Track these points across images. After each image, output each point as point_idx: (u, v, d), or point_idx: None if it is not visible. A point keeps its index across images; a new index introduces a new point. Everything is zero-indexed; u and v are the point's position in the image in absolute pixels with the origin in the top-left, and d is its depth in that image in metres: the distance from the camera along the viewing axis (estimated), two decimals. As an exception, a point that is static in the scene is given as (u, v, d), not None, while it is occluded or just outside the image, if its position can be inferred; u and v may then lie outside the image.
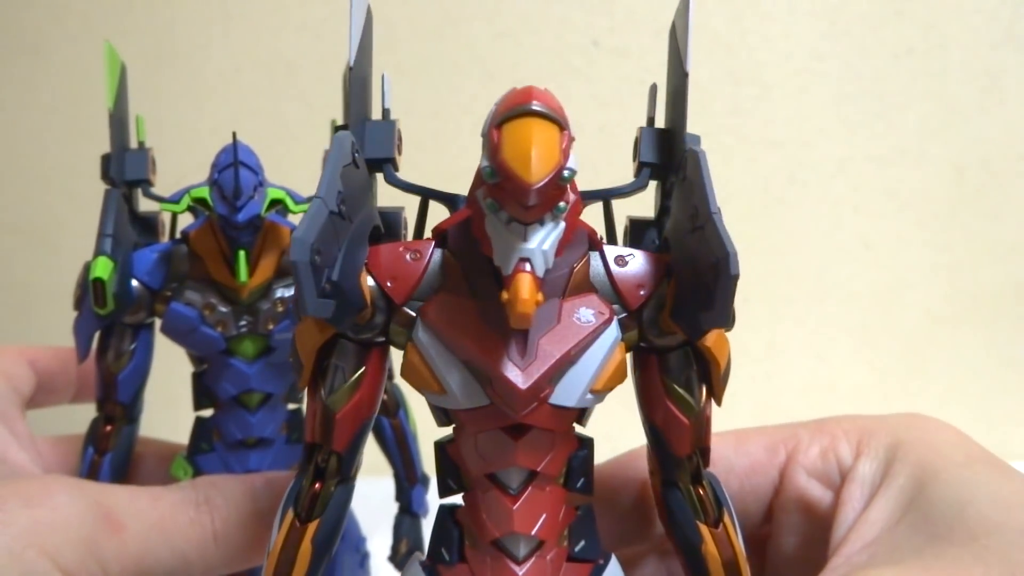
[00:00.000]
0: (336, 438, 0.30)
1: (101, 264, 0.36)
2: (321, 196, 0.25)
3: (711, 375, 0.30)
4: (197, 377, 0.42)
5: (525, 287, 0.24)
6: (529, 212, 0.25)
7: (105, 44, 0.39)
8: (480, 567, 0.29)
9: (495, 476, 0.29)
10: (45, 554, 0.31)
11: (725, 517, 0.31)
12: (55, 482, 0.34)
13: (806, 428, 0.37)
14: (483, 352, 0.27)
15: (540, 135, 0.24)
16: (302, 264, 0.24)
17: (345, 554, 0.44)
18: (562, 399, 0.28)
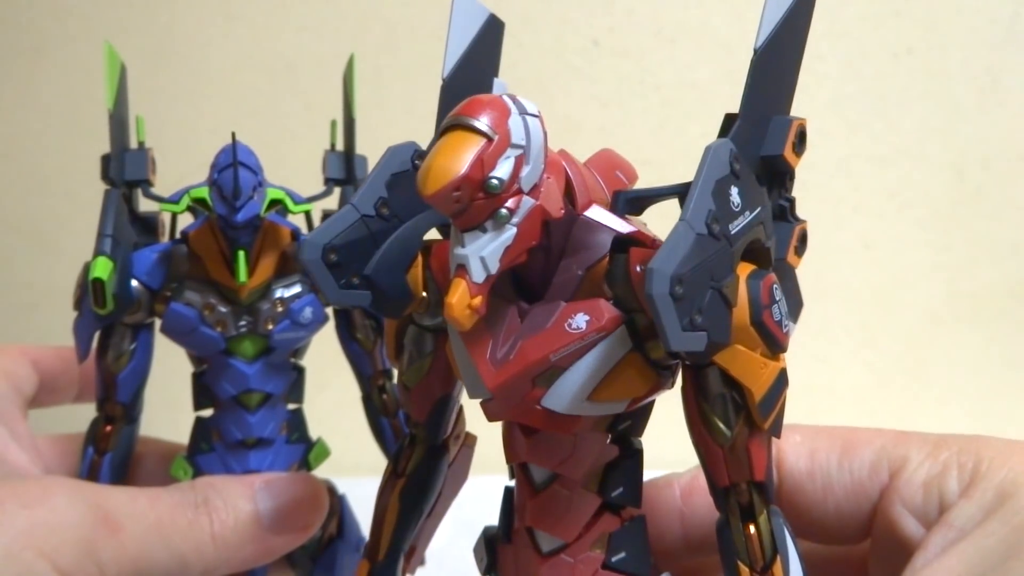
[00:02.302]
0: (414, 410, 0.33)
1: (100, 264, 0.36)
2: (352, 202, 0.28)
3: (747, 403, 0.28)
4: (197, 377, 0.42)
5: (455, 292, 0.25)
6: (459, 220, 0.25)
7: (105, 44, 0.39)
8: (515, 551, 0.31)
9: (525, 468, 0.30)
10: (43, 555, 0.31)
11: (776, 566, 0.29)
12: (54, 483, 0.34)
13: (920, 446, 0.33)
14: (470, 348, 0.27)
15: (449, 147, 0.24)
16: (312, 262, 0.27)
17: (345, 553, 0.44)
18: (553, 404, 0.27)
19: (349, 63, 0.42)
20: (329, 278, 0.27)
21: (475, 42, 0.31)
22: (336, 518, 0.44)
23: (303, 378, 0.44)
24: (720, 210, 0.25)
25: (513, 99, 0.26)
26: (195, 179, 0.42)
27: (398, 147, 0.29)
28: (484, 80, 0.32)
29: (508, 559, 0.31)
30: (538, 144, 0.26)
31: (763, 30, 0.29)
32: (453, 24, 0.30)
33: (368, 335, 0.43)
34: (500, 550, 0.32)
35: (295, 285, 0.41)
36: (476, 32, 0.31)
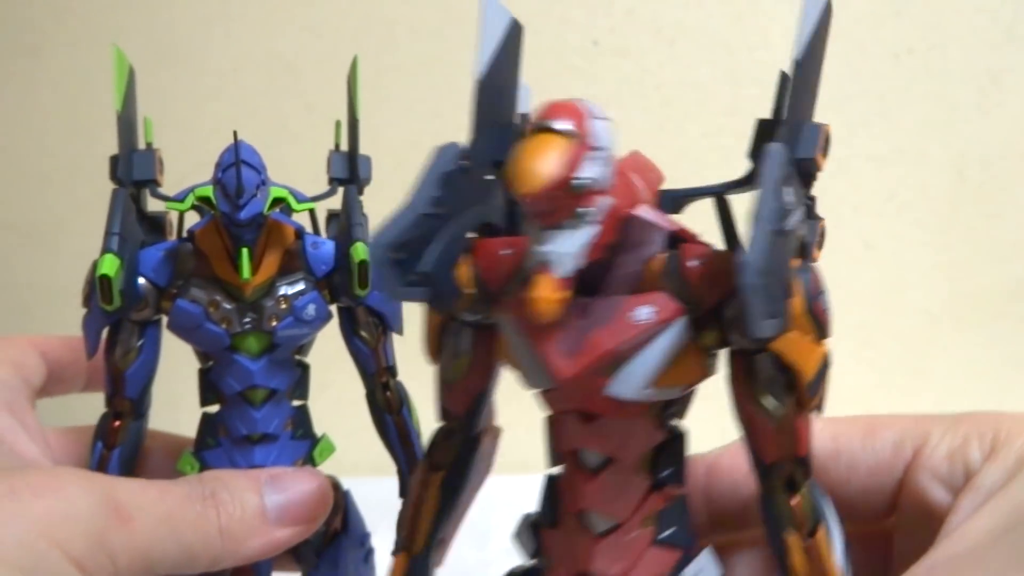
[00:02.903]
0: (453, 404, 0.34)
1: (107, 261, 0.36)
2: (414, 202, 0.29)
3: (797, 383, 0.29)
4: (203, 374, 0.43)
5: (544, 287, 0.26)
6: (545, 218, 0.27)
7: (114, 48, 0.40)
8: (566, 535, 0.32)
9: (577, 454, 0.31)
10: (56, 544, 0.32)
11: (820, 531, 0.30)
12: (65, 473, 0.35)
13: (940, 424, 0.35)
14: (539, 341, 0.28)
15: (540, 151, 0.26)
16: (380, 260, 0.28)
17: (350, 549, 0.45)
18: (619, 391, 0.29)
19: (353, 65, 0.43)
20: (394, 276, 0.28)
21: (502, 44, 0.32)
22: (341, 513, 0.45)
23: (308, 375, 0.45)
24: (783, 208, 0.27)
25: (587, 103, 0.27)
26: (195, 178, 0.43)
27: (445, 147, 0.31)
28: (511, 80, 0.33)
29: (556, 542, 0.33)
30: (611, 146, 0.27)
31: (800, 40, 0.29)
32: (483, 26, 0.31)
33: (372, 332, 0.43)
34: (545, 535, 0.33)
35: (299, 283, 0.41)
36: (502, 34, 0.32)
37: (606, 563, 0.31)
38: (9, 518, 0.31)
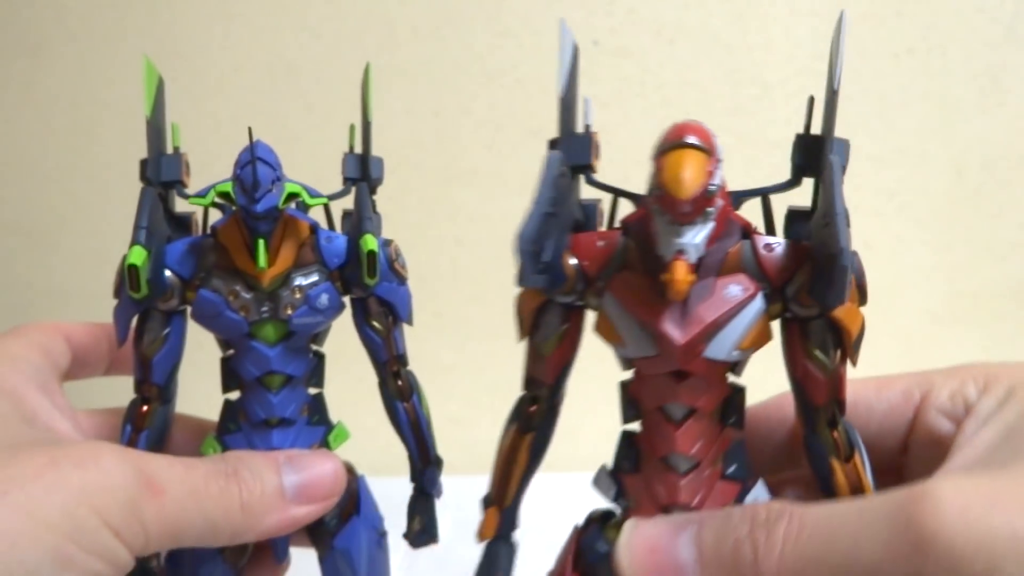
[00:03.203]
0: (546, 374, 0.40)
1: (136, 252, 0.39)
2: (539, 202, 0.34)
3: (844, 341, 0.37)
4: (225, 362, 0.46)
5: (680, 270, 0.33)
6: (683, 216, 0.33)
7: (144, 59, 0.43)
8: (651, 477, 0.39)
9: (663, 408, 0.38)
10: (95, 512, 0.34)
11: (855, 456, 0.39)
12: (102, 447, 0.37)
13: (940, 374, 0.42)
14: (651, 316, 0.35)
15: (689, 162, 0.32)
16: (526, 253, 0.34)
17: (364, 531, 0.47)
18: (714, 353, 0.36)
19: (366, 71, 0.46)
20: (530, 265, 0.34)
21: (571, 63, 0.38)
22: (354, 498, 0.47)
23: (323, 364, 0.47)
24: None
25: (705, 125, 0.34)
26: (196, 178, 0.46)
27: (552, 155, 0.36)
28: (576, 95, 0.39)
29: (638, 485, 0.39)
30: (723, 157, 0.34)
31: (837, 70, 0.36)
32: (561, 49, 0.37)
33: (382, 321, 0.45)
34: (627, 480, 0.40)
35: (313, 274, 0.44)
36: (571, 55, 0.38)
37: (689, 496, 0.38)
38: (52, 486, 0.34)
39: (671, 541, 0.35)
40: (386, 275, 0.44)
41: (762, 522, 0.33)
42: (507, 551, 0.43)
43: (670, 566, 0.35)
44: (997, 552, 0.29)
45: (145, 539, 0.36)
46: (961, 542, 0.29)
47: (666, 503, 0.38)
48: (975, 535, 0.29)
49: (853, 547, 0.31)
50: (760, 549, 0.33)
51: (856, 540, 0.31)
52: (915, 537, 0.30)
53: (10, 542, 0.32)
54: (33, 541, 0.33)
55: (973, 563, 0.29)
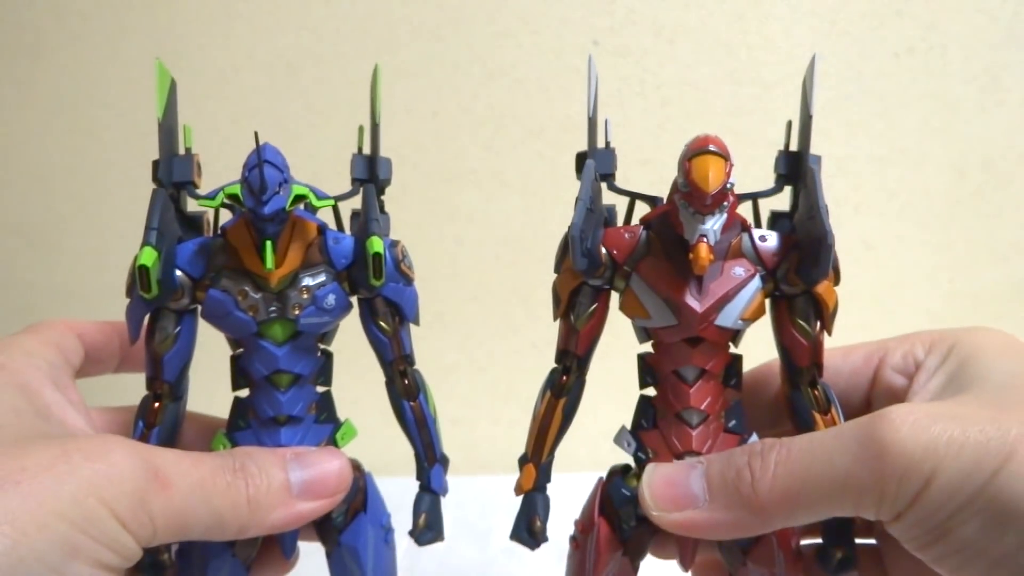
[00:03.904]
0: (579, 346, 0.47)
1: (146, 253, 0.40)
2: (583, 199, 0.42)
3: (822, 314, 0.46)
4: (235, 360, 0.47)
5: (702, 250, 0.41)
6: (706, 208, 0.41)
7: (156, 61, 0.44)
8: (667, 430, 0.47)
9: (678, 371, 0.47)
10: (103, 503, 0.36)
11: (832, 409, 0.47)
12: (111, 440, 0.39)
13: (893, 340, 0.50)
14: (676, 291, 0.44)
15: (713, 165, 0.41)
16: (575, 240, 0.42)
17: (371, 528, 0.48)
18: (723, 321, 0.45)
19: (375, 73, 0.47)
20: (580, 251, 0.42)
21: (596, 89, 0.47)
22: (362, 494, 0.48)
23: (331, 363, 0.48)
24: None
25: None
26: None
27: (591, 163, 0.45)
28: (596, 115, 0.48)
29: (655, 438, 0.47)
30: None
31: (811, 99, 0.46)
32: (589, 77, 0.47)
33: (389, 321, 0.47)
34: (645, 436, 0.47)
35: (320, 275, 0.45)
36: (596, 82, 0.47)
37: (700, 444, 0.46)
38: (63, 477, 0.35)
39: (685, 476, 0.43)
40: (393, 276, 0.45)
41: (757, 452, 0.41)
42: (543, 499, 0.49)
43: (685, 495, 0.42)
44: (939, 454, 0.37)
45: (152, 530, 0.38)
46: (911, 447, 0.37)
47: (681, 451, 0.46)
48: (922, 442, 0.37)
49: (829, 462, 0.39)
50: (756, 472, 0.40)
51: (831, 456, 0.39)
52: (876, 447, 0.38)
53: (21, 530, 0.33)
54: (43, 530, 0.34)
55: (922, 464, 0.37)
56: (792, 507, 0.40)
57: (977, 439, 0.37)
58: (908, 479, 0.37)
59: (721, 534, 0.42)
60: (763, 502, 0.40)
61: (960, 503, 0.37)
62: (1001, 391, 0.41)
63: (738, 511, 0.41)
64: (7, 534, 0.33)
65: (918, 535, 0.39)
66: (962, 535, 0.37)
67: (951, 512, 0.37)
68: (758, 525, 0.41)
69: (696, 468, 0.43)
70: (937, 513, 0.37)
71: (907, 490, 0.37)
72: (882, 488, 0.38)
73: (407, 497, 0.49)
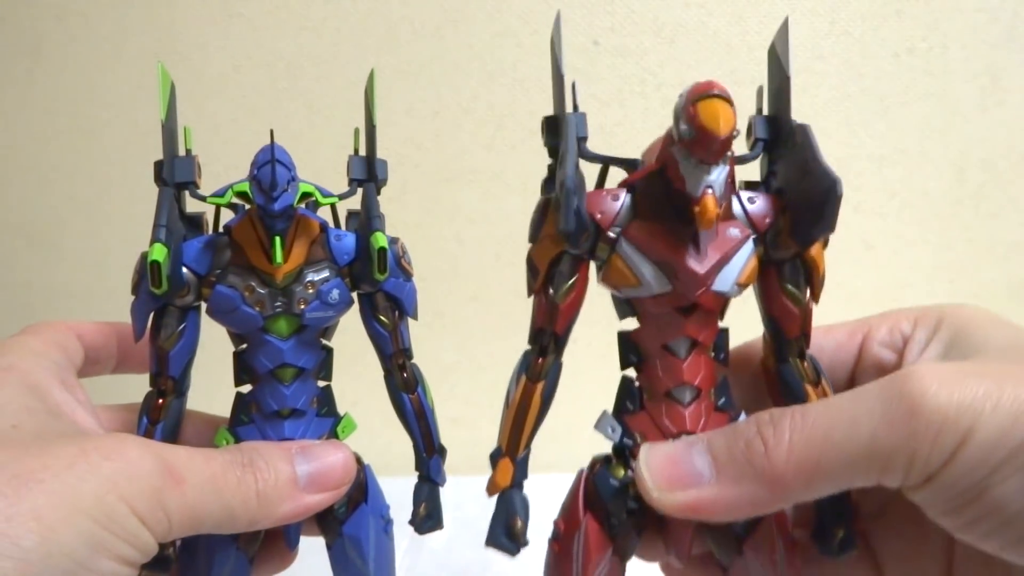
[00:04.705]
0: (558, 323, 0.44)
1: (157, 249, 0.41)
2: (571, 153, 0.41)
3: (812, 278, 0.44)
4: (238, 356, 0.48)
5: (710, 202, 0.38)
6: (713, 156, 0.39)
7: (158, 64, 0.45)
8: (657, 411, 0.45)
9: (668, 346, 0.44)
10: (123, 500, 0.37)
11: (822, 380, 0.46)
12: (127, 439, 0.39)
13: (876, 317, 0.49)
14: (674, 253, 0.41)
15: (722, 107, 0.37)
16: (570, 193, 0.39)
17: (371, 518, 0.49)
18: (719, 286, 0.42)
19: (370, 76, 0.48)
20: (574, 206, 0.40)
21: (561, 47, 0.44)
22: (362, 486, 0.49)
23: (331, 357, 0.49)
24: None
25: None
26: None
27: (572, 117, 0.43)
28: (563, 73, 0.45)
29: (643, 421, 0.45)
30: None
31: (789, 57, 0.44)
32: (557, 36, 0.43)
33: (389, 316, 0.48)
34: (630, 420, 0.45)
35: (324, 270, 0.46)
36: (560, 40, 0.44)
37: (693, 423, 0.44)
38: (85, 475, 0.36)
39: (686, 453, 0.41)
40: (394, 271, 0.46)
41: (767, 421, 0.39)
42: (521, 498, 0.46)
43: (689, 473, 0.40)
44: (976, 408, 0.35)
45: (168, 525, 0.38)
46: (944, 403, 0.35)
47: (675, 432, 0.44)
48: (956, 398, 0.35)
49: (852, 425, 0.37)
50: (770, 441, 0.38)
51: (854, 418, 0.37)
52: (907, 405, 0.36)
53: (48, 527, 0.34)
54: (69, 526, 0.35)
55: (958, 420, 0.35)
56: (812, 476, 0.37)
57: (1014, 392, 0.35)
58: (944, 437, 0.35)
59: (731, 513, 0.40)
60: (780, 473, 0.37)
61: (1000, 459, 0.35)
62: (1014, 351, 0.40)
63: (751, 485, 0.38)
64: (35, 530, 0.34)
65: (949, 498, 0.37)
66: (999, 495, 0.35)
67: (989, 470, 0.35)
68: (773, 500, 0.39)
69: (697, 444, 0.41)
70: (974, 472, 0.35)
71: (942, 449, 0.35)
72: (914, 448, 0.36)
73: (406, 496, 0.50)
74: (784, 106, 0.44)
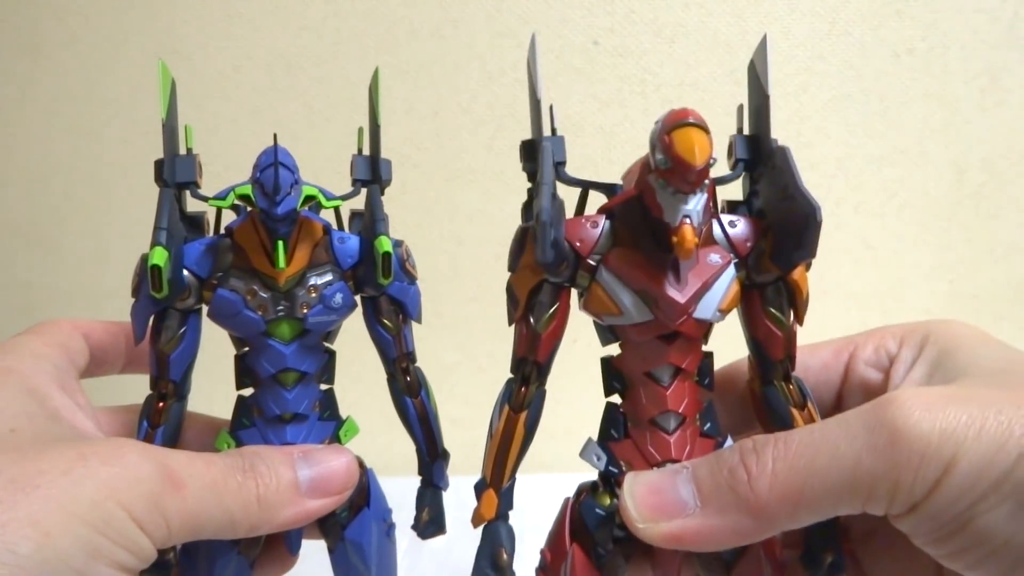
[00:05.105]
0: (540, 352, 0.44)
1: (157, 253, 0.41)
2: (547, 183, 0.39)
3: (796, 301, 0.43)
4: (239, 359, 0.47)
5: (688, 232, 0.37)
6: (689, 185, 0.38)
7: (159, 62, 0.45)
8: (641, 439, 0.44)
9: (651, 373, 0.43)
10: (121, 505, 0.36)
11: (808, 403, 0.45)
12: (125, 444, 0.39)
13: (861, 335, 0.49)
14: (653, 282, 0.40)
15: (697, 137, 0.37)
16: (545, 226, 0.38)
17: (373, 522, 0.49)
18: (701, 313, 0.41)
19: (374, 75, 0.48)
20: (549, 239, 0.38)
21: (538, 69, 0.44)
22: (364, 490, 0.49)
23: (334, 361, 0.49)
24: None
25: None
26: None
27: (548, 144, 0.42)
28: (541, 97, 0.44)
29: (628, 449, 0.44)
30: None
31: (769, 78, 0.43)
32: (534, 59, 0.43)
33: (393, 320, 0.48)
34: (616, 447, 0.44)
35: (327, 274, 0.45)
36: (538, 61, 0.43)
37: (679, 451, 0.43)
38: (82, 481, 0.36)
39: (671, 483, 0.40)
40: (398, 274, 0.46)
41: (750, 450, 0.38)
42: (507, 529, 0.46)
43: (673, 503, 0.39)
44: (959, 436, 0.35)
45: (167, 531, 0.38)
46: (927, 431, 0.35)
47: (660, 461, 0.43)
48: (939, 424, 0.35)
49: (835, 453, 0.36)
50: (753, 470, 0.38)
51: (837, 446, 0.36)
52: (888, 433, 0.35)
53: (44, 532, 0.34)
54: (66, 532, 0.34)
55: (940, 449, 0.35)
56: (796, 506, 0.37)
57: (997, 419, 0.35)
58: (926, 466, 0.35)
59: (716, 543, 0.39)
60: (763, 502, 0.37)
61: (985, 489, 0.34)
62: (1000, 375, 0.39)
63: (735, 515, 0.38)
64: (31, 536, 0.33)
65: (934, 527, 0.36)
66: (983, 525, 0.35)
67: (974, 499, 0.35)
68: (758, 529, 0.38)
69: (681, 473, 0.40)
70: (959, 501, 0.35)
71: (926, 478, 0.35)
72: (897, 477, 0.35)
73: (407, 497, 0.50)
74: (764, 125, 0.44)
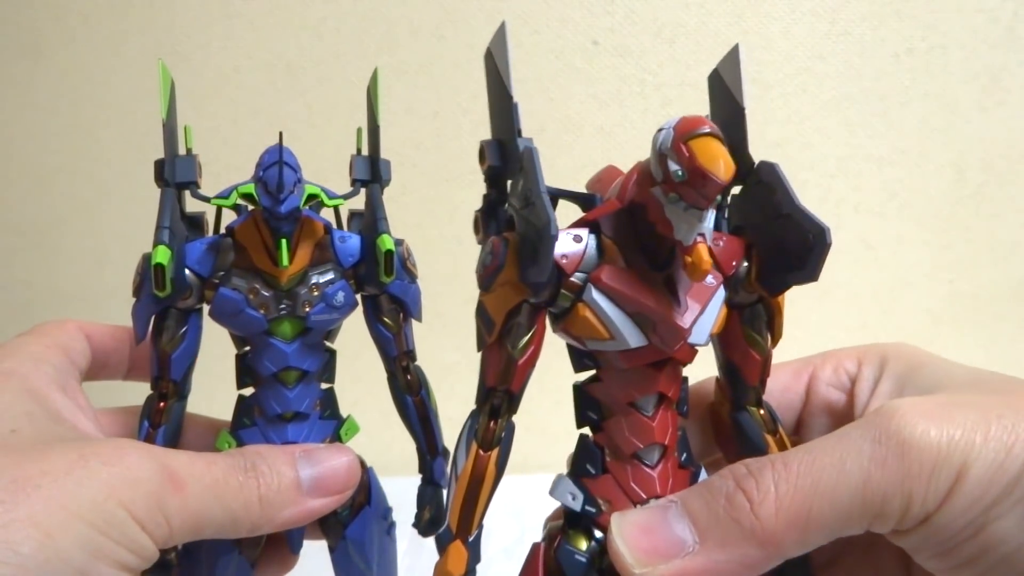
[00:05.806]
0: (515, 380, 0.40)
1: (160, 252, 0.41)
2: (541, 191, 0.35)
3: (773, 323, 0.41)
4: (240, 359, 0.47)
5: (703, 252, 0.34)
6: (706, 200, 0.34)
7: (159, 62, 0.45)
8: (623, 474, 0.40)
9: (634, 403, 0.40)
10: (122, 505, 0.36)
11: (779, 428, 0.44)
12: (127, 444, 0.39)
13: (818, 357, 0.48)
14: (654, 304, 0.37)
15: (720, 148, 0.33)
16: (554, 239, 0.35)
17: (374, 521, 0.49)
18: (696, 339, 0.38)
19: (374, 76, 0.47)
20: (551, 256, 0.35)
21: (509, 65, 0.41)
22: (365, 489, 0.49)
23: (335, 360, 0.49)
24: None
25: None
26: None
27: (533, 148, 0.38)
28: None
29: (607, 486, 0.40)
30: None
31: (743, 88, 0.42)
32: (506, 53, 0.41)
33: (394, 318, 0.48)
34: (592, 484, 0.40)
35: (328, 272, 0.45)
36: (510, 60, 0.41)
37: (663, 486, 0.40)
38: (83, 481, 0.36)
39: (662, 520, 0.37)
40: (399, 273, 0.46)
41: (745, 475, 0.36)
42: None
43: (669, 542, 0.36)
44: (967, 442, 0.34)
45: (169, 531, 0.38)
46: (935, 439, 0.34)
47: (643, 498, 0.40)
48: (947, 432, 0.34)
49: (840, 470, 0.34)
50: (754, 496, 0.35)
51: (842, 462, 0.35)
52: (897, 444, 0.34)
53: (46, 532, 0.34)
54: (67, 532, 0.34)
55: (951, 456, 0.34)
56: (805, 529, 0.35)
57: (1000, 424, 0.34)
58: (938, 475, 0.34)
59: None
60: (771, 529, 0.34)
61: (996, 495, 0.33)
62: (979, 384, 0.39)
63: (740, 546, 0.35)
64: (33, 536, 0.33)
65: (944, 539, 0.35)
66: (995, 532, 0.34)
67: (986, 506, 0.34)
68: (767, 558, 0.35)
69: (671, 508, 0.37)
70: (970, 509, 0.34)
71: (938, 488, 0.34)
72: (909, 489, 0.34)
73: (407, 496, 0.50)
74: (740, 139, 0.41)
